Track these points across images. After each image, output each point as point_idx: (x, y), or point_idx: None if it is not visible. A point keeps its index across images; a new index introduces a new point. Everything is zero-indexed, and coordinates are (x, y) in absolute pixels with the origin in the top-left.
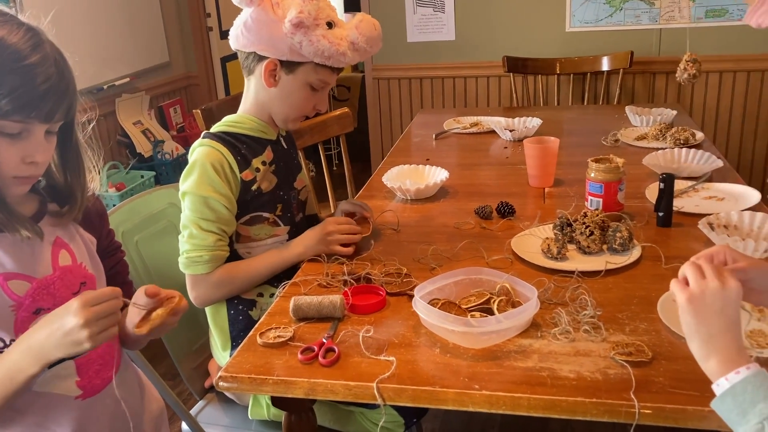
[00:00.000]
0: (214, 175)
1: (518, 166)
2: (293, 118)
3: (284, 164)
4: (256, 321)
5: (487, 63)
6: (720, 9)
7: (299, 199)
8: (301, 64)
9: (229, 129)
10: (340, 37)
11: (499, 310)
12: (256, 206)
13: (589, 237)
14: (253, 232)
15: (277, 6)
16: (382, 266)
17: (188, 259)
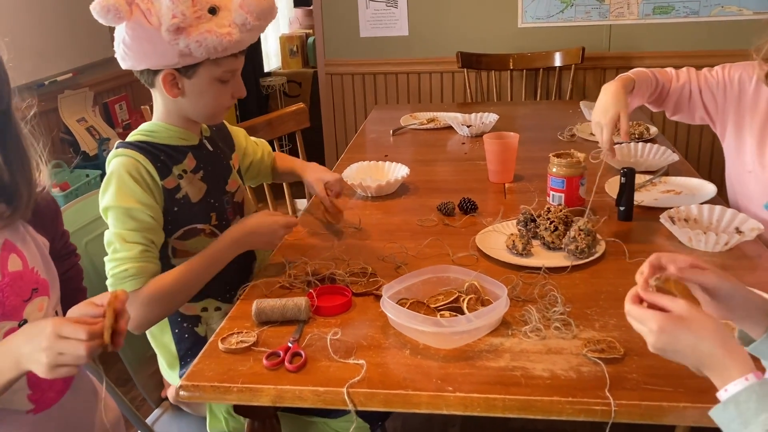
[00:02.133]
0: (134, 184)
1: (477, 161)
2: (215, 114)
3: (212, 168)
4: (204, 337)
5: (440, 59)
6: (667, 6)
7: (234, 202)
8: (198, 65)
9: (145, 138)
10: (227, 23)
11: (468, 308)
12: (188, 218)
13: (554, 232)
14: (191, 246)
15: (149, 14)
16: (346, 266)
17: (113, 277)
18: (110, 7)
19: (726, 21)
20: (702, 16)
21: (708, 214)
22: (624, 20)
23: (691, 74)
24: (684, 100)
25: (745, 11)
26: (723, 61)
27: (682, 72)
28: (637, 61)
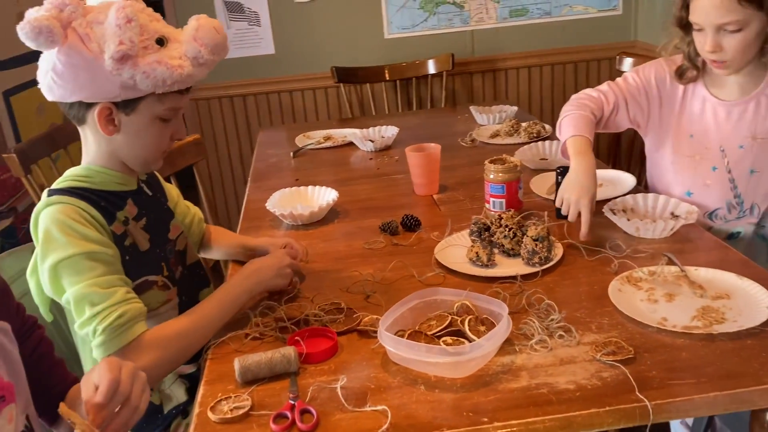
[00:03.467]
0: (84, 227)
1: (393, 176)
2: (153, 159)
3: (154, 215)
4: (159, 406)
5: (312, 75)
6: (522, 8)
7: (177, 251)
8: (140, 100)
9: (79, 184)
10: (177, 56)
11: (471, 330)
12: (139, 269)
13: (513, 239)
14: (144, 302)
15: (88, 40)
16: (311, 303)
17: (107, 331)
18: (43, 29)
19: (575, 19)
20: (554, 16)
21: (643, 203)
22: (485, 25)
23: (615, 90)
24: (612, 118)
25: (590, 10)
26: (577, 56)
27: (609, 93)
28: (500, 62)
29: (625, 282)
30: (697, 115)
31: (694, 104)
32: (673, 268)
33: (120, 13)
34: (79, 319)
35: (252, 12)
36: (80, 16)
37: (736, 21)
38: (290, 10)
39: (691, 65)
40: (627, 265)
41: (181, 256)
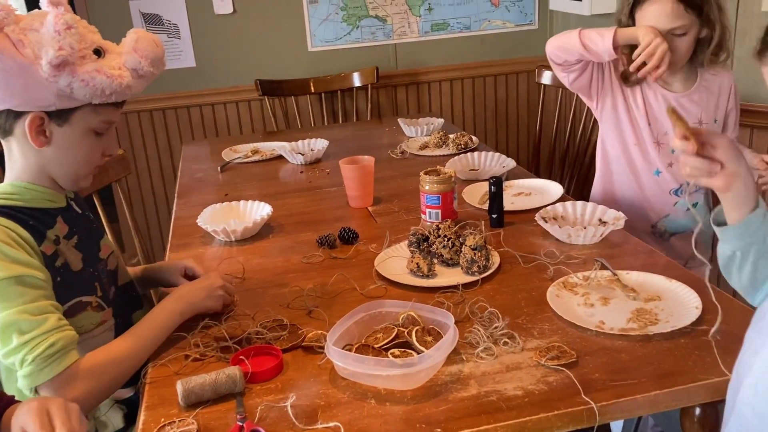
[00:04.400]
0: (12, 249)
1: (326, 189)
2: (83, 175)
3: (85, 234)
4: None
5: (235, 88)
6: (443, 23)
7: (108, 271)
8: (75, 110)
9: (5, 202)
10: (117, 66)
11: (419, 341)
12: (72, 289)
13: (452, 249)
14: (78, 323)
15: (21, 45)
16: (252, 321)
17: (37, 361)
18: None
19: (494, 34)
20: (474, 30)
21: (572, 210)
22: (407, 38)
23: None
24: (584, 68)
25: (508, 24)
26: (497, 69)
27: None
28: (423, 75)
29: (561, 288)
30: (654, 106)
31: (649, 96)
32: (606, 273)
33: (59, 19)
34: (5, 348)
35: (171, 24)
36: (12, 23)
37: (683, 26)
38: (211, 23)
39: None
40: (562, 271)
41: (113, 276)
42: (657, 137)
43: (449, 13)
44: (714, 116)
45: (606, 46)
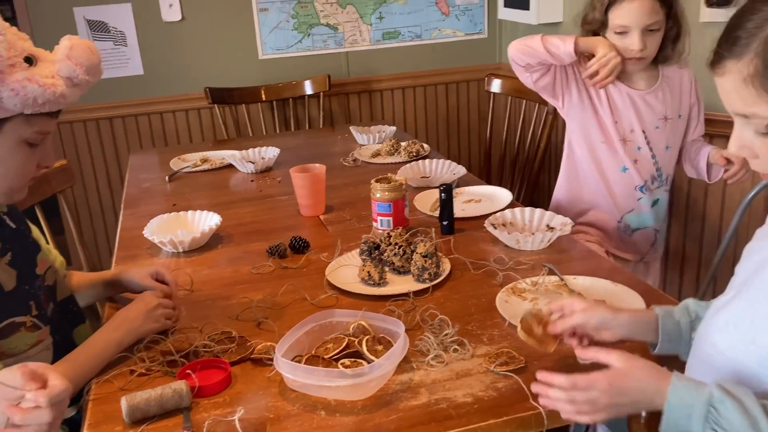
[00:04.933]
0: None
1: (277, 198)
2: (18, 188)
3: (19, 250)
4: None
5: (185, 96)
6: (394, 31)
7: (46, 287)
8: (6, 121)
9: None
10: (50, 74)
11: (369, 350)
12: (5, 311)
13: (403, 257)
14: (10, 345)
15: None
16: (200, 334)
17: None
18: None
19: (444, 42)
20: (425, 39)
21: (521, 217)
22: (359, 47)
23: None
24: (552, 68)
25: (458, 33)
26: (448, 78)
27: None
28: (375, 83)
29: (510, 293)
30: (619, 104)
31: (614, 95)
32: (554, 278)
33: None
34: None
35: (118, 31)
36: None
37: (657, 21)
38: (159, 30)
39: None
40: (511, 277)
41: (52, 292)
42: (623, 135)
43: (400, 21)
44: (678, 112)
45: (567, 50)
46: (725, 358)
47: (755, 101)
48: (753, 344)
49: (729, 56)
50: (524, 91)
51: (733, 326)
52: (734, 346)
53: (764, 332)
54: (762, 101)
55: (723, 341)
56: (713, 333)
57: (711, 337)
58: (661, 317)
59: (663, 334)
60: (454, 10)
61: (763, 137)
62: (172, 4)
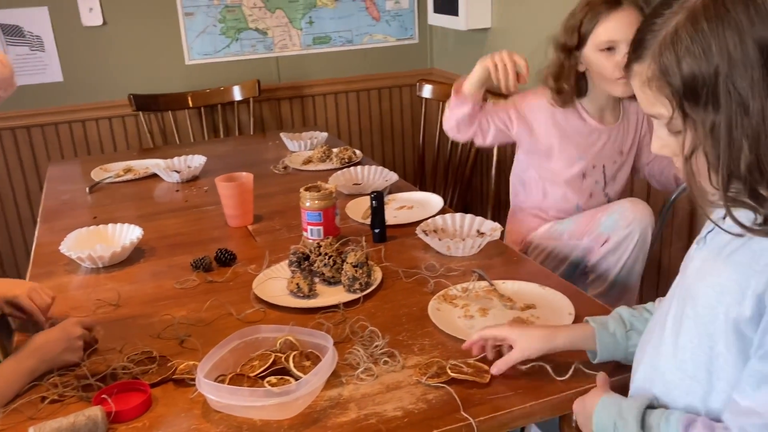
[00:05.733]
0: None
1: (203, 208)
2: None
3: None
4: None
5: (108, 103)
6: (325, 36)
7: None
8: None
9: None
10: None
11: (296, 366)
12: None
13: (333, 267)
14: None
15: None
16: (118, 355)
17: None
18: None
19: (376, 47)
20: (356, 44)
21: (452, 222)
22: (289, 52)
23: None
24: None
25: (389, 38)
26: (380, 83)
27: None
28: (307, 89)
29: (442, 301)
30: (585, 140)
31: (582, 129)
32: (484, 283)
33: None
34: None
35: (34, 36)
36: None
37: None
38: (79, 35)
39: (572, 89)
40: (442, 284)
41: None
42: (585, 170)
43: (331, 26)
44: (633, 142)
45: (459, 100)
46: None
47: (653, 103)
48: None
49: (634, 59)
50: None
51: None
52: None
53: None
54: (658, 103)
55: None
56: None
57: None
58: (597, 331)
59: (601, 348)
60: (384, 16)
61: (676, 136)
62: (92, 8)
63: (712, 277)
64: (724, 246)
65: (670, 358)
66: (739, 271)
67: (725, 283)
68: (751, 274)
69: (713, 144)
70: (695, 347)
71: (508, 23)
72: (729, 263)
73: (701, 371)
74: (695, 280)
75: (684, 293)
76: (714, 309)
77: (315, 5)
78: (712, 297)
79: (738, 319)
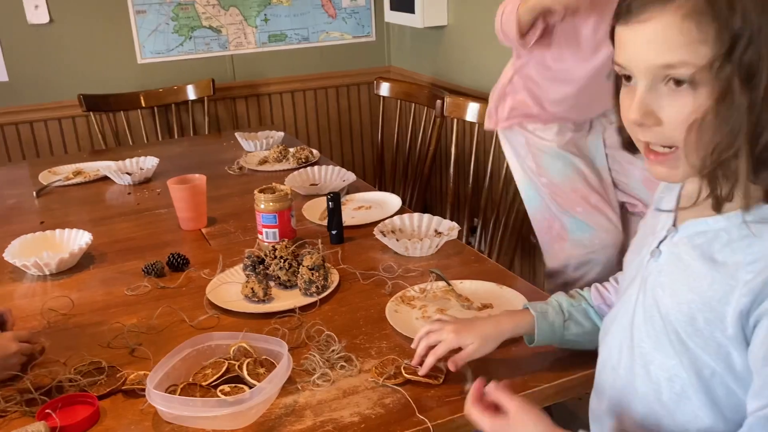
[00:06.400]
0: None
1: (155, 211)
2: None
3: None
4: None
5: (56, 104)
6: (280, 34)
7: None
8: None
9: None
10: None
11: (250, 374)
12: None
13: (289, 270)
14: None
15: None
16: (64, 367)
17: None
18: None
19: (332, 45)
20: (312, 42)
21: (410, 223)
22: (244, 50)
23: None
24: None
25: (346, 36)
26: (338, 81)
27: None
28: (263, 87)
29: (399, 302)
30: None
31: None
32: (441, 283)
33: None
34: None
35: None
36: None
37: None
38: (24, 33)
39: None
40: (400, 285)
41: None
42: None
43: (286, 24)
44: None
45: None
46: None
47: (689, 44)
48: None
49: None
50: (413, 93)
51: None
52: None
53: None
54: (696, 43)
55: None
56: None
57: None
58: (537, 320)
59: (539, 335)
60: (341, 13)
61: (675, 92)
62: (38, 6)
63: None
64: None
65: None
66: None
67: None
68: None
69: (751, 103)
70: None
71: (464, 21)
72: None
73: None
74: (665, 295)
75: (651, 310)
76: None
77: (270, 3)
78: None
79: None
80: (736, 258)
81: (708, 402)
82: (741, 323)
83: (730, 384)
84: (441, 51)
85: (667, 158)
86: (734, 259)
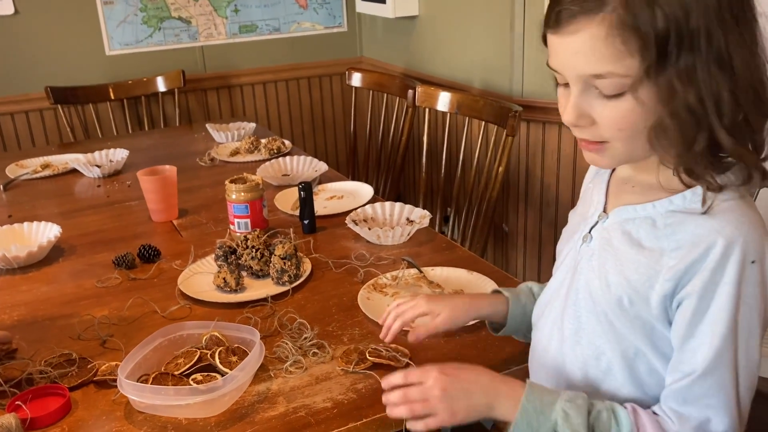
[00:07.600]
0: None
1: (126, 203)
2: None
3: None
4: None
5: (23, 96)
6: (251, 24)
7: None
8: None
9: None
10: None
11: (222, 362)
12: None
13: (261, 260)
14: None
15: None
16: (39, 360)
17: None
18: None
19: (304, 36)
20: (283, 32)
21: (381, 211)
22: (214, 41)
23: None
24: None
25: (317, 26)
26: (310, 72)
27: None
28: (234, 79)
29: (371, 290)
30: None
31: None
32: (413, 271)
33: None
34: None
35: None
36: None
37: None
38: None
39: None
40: (372, 273)
41: None
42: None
43: (257, 14)
44: None
45: None
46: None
47: (616, 56)
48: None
49: (584, 10)
50: (385, 84)
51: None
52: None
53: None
54: (623, 56)
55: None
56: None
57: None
58: (511, 302)
59: (511, 320)
60: (312, 3)
61: (607, 100)
62: None
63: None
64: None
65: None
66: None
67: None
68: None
69: (694, 96)
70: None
71: (436, 11)
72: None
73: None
74: (594, 277)
75: (582, 292)
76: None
77: None
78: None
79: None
80: (661, 244)
81: (630, 379)
82: (665, 305)
83: (653, 362)
84: (412, 41)
85: (597, 147)
86: (659, 245)
